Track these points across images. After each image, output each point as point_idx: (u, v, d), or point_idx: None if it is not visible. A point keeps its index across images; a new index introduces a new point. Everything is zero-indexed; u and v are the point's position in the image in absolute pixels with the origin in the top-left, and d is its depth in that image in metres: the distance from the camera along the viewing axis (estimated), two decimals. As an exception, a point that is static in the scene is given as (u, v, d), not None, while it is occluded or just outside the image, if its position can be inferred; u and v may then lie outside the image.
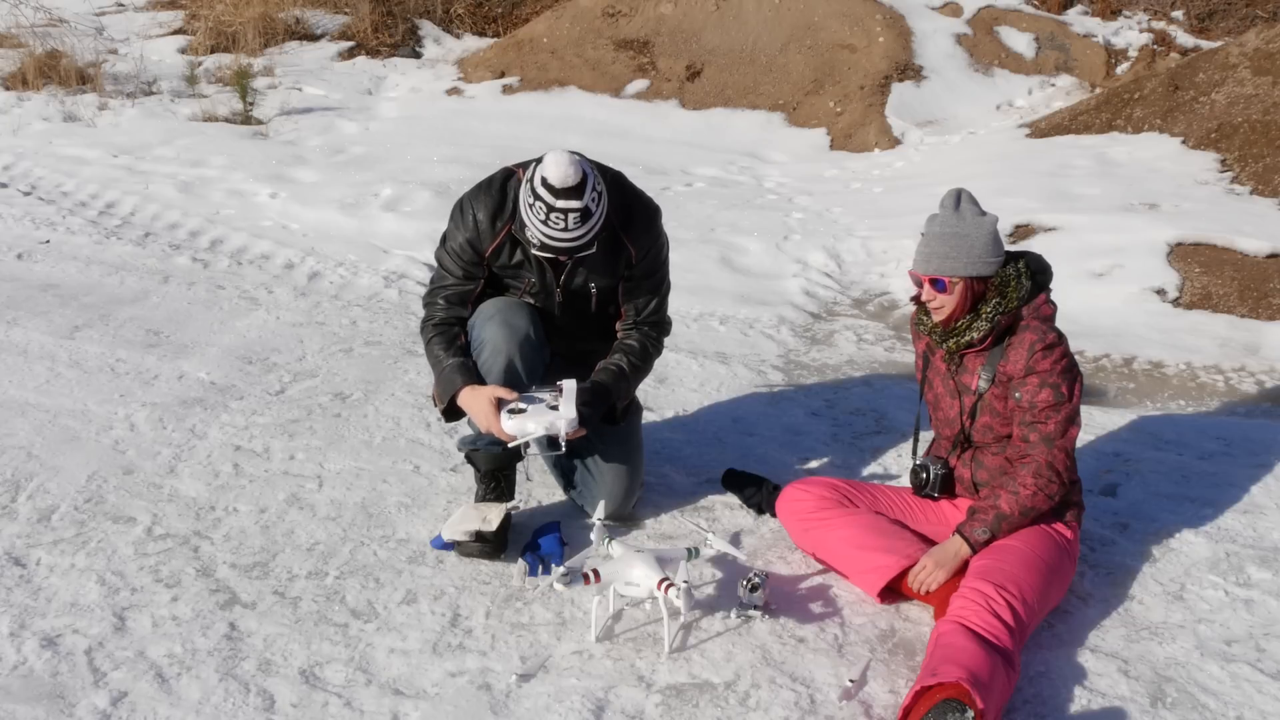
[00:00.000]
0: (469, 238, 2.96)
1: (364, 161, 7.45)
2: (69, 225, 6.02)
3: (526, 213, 2.80)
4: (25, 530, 3.07)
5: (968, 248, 2.72)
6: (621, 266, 3.01)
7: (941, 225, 2.75)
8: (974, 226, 2.73)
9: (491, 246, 2.96)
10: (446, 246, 3.03)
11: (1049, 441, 2.73)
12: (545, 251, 2.83)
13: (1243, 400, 4.25)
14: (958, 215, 2.75)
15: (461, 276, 3.01)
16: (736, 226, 6.29)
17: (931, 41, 9.05)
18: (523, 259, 2.98)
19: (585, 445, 3.14)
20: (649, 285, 3.09)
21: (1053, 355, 2.73)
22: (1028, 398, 2.74)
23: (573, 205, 2.73)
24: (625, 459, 3.14)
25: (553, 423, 2.81)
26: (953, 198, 2.78)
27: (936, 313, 2.80)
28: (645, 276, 3.07)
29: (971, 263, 2.72)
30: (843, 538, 2.89)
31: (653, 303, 3.12)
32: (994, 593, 2.55)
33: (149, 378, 4.12)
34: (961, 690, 2.27)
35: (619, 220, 2.95)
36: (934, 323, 2.84)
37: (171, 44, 10.42)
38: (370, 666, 2.55)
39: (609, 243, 2.94)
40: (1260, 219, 5.78)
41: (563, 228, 2.75)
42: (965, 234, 2.72)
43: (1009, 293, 2.75)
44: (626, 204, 2.99)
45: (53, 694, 2.43)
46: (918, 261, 2.78)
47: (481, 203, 2.95)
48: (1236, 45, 7.58)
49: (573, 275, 2.99)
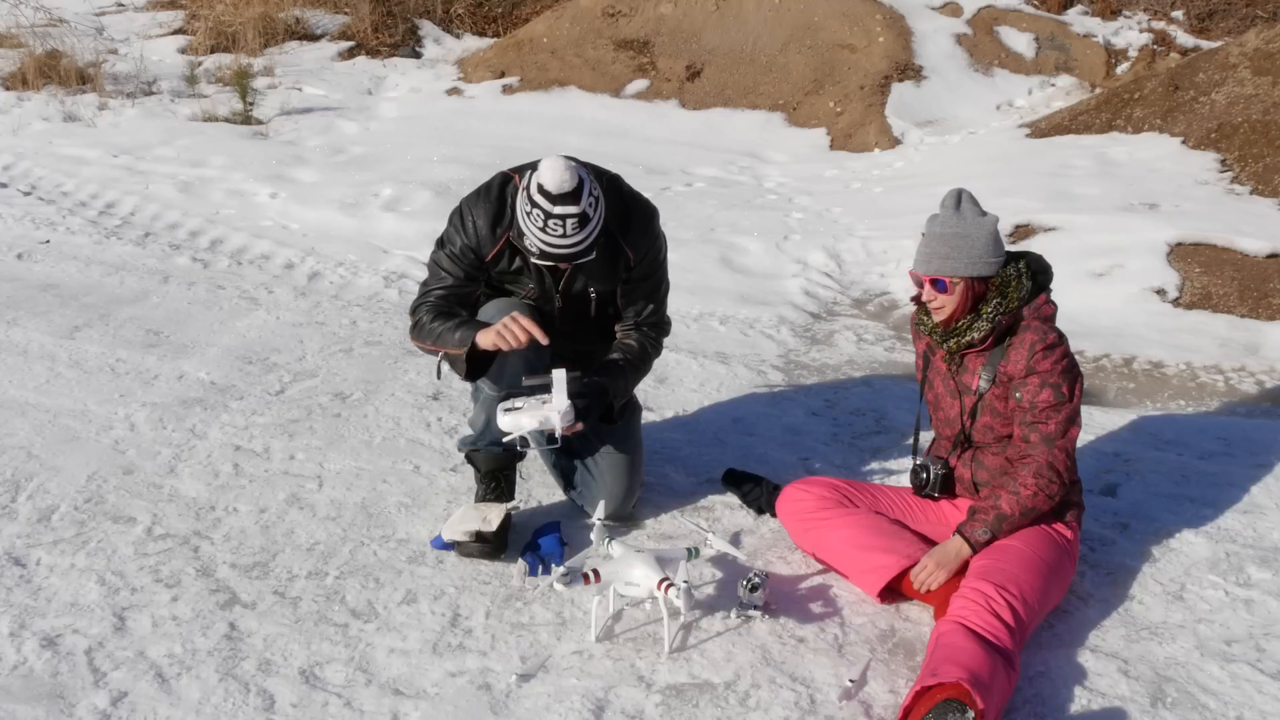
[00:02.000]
0: (469, 244, 2.95)
1: (364, 161, 7.45)
2: (69, 225, 6.03)
3: (524, 220, 2.78)
4: (25, 530, 3.07)
5: (968, 248, 2.72)
6: (620, 270, 3.02)
7: (942, 225, 2.75)
8: (975, 227, 2.73)
9: (491, 253, 2.95)
10: (445, 250, 3.00)
11: (1049, 441, 2.73)
12: (544, 259, 2.82)
13: (1243, 400, 4.25)
14: (958, 215, 2.75)
15: (463, 278, 2.99)
16: (736, 226, 6.29)
17: (931, 41, 9.05)
18: (521, 265, 2.97)
19: (584, 445, 3.14)
20: (647, 288, 3.10)
21: (1053, 355, 2.73)
22: (1028, 398, 2.74)
23: (570, 211, 2.71)
24: (625, 459, 3.14)
25: (547, 416, 2.79)
26: (953, 198, 2.78)
27: (937, 313, 2.80)
28: (644, 279, 3.07)
29: (972, 263, 2.72)
30: (843, 537, 2.89)
31: (651, 305, 3.12)
32: (994, 593, 2.55)
33: (149, 378, 4.12)
34: (962, 690, 2.27)
35: (617, 225, 2.94)
36: (934, 323, 2.84)
37: (171, 44, 10.43)
38: (370, 666, 2.55)
39: (607, 247, 2.93)
40: (1260, 219, 5.78)
41: (561, 234, 2.74)
42: (966, 234, 2.72)
43: (1010, 293, 2.75)
44: (624, 208, 2.99)
45: (53, 694, 2.43)
46: (918, 262, 2.78)
47: (481, 209, 2.94)
48: (1236, 45, 7.58)
49: (572, 281, 2.99)
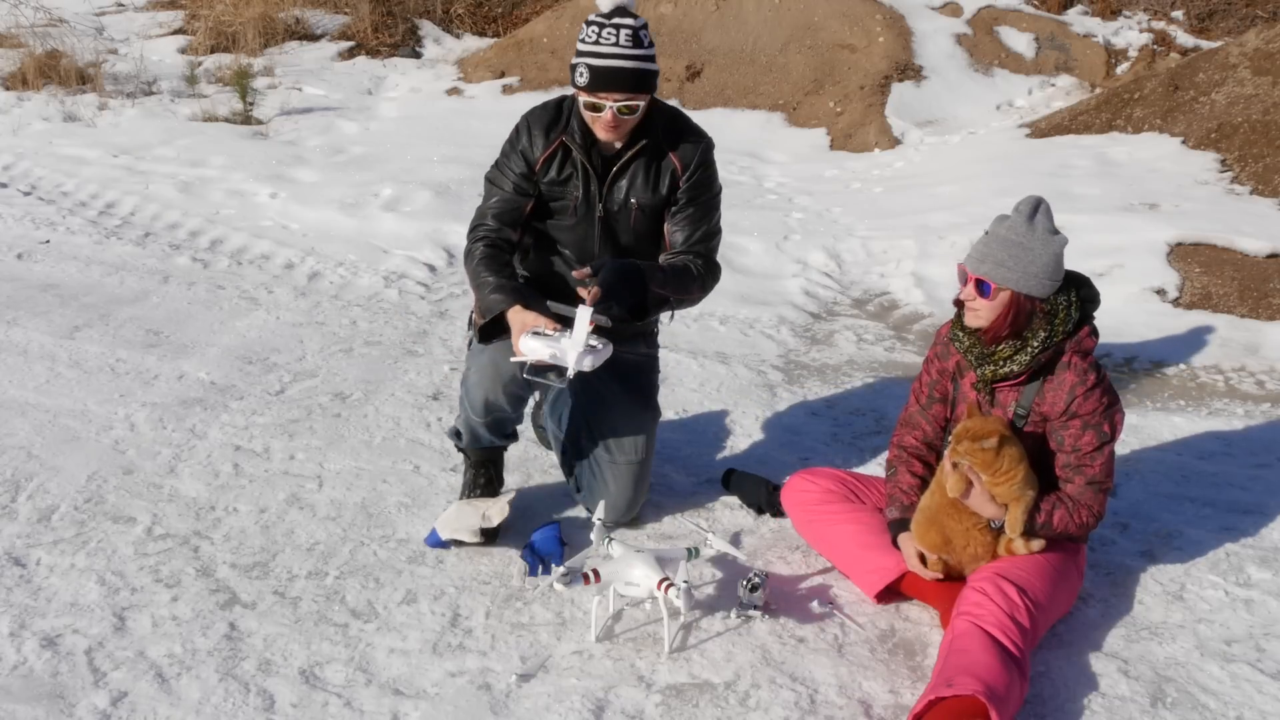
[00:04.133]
0: (523, 147, 2.95)
1: (364, 161, 7.45)
2: (69, 225, 6.02)
3: (581, 46, 2.78)
4: (25, 530, 3.07)
5: (1027, 262, 2.55)
6: (666, 184, 2.94)
7: (1009, 230, 2.58)
8: (1041, 242, 2.56)
9: (543, 156, 2.93)
10: (497, 163, 3.01)
11: (1095, 486, 2.66)
12: (598, 85, 2.75)
13: (1243, 400, 4.25)
14: (1029, 226, 2.57)
15: (512, 190, 2.97)
16: (736, 226, 6.28)
17: (931, 41, 9.04)
18: (571, 172, 2.94)
19: (599, 412, 3.08)
20: (696, 213, 2.96)
21: (1094, 396, 2.60)
22: (1070, 442, 2.64)
23: (625, 22, 2.75)
24: (633, 468, 3.10)
25: (563, 349, 2.63)
26: (1030, 205, 2.59)
27: (971, 317, 2.64)
28: (692, 202, 2.95)
29: (1025, 279, 2.55)
30: (846, 534, 2.89)
31: (701, 230, 2.97)
32: (1016, 595, 2.52)
33: (149, 378, 4.12)
34: (979, 706, 2.24)
35: (666, 133, 2.93)
36: (970, 343, 2.69)
37: (171, 44, 10.42)
38: (370, 666, 2.56)
39: (652, 153, 2.92)
40: (1260, 219, 5.78)
41: (614, 42, 2.74)
42: (1030, 247, 2.55)
43: (1056, 325, 2.59)
44: (679, 120, 2.98)
45: (53, 694, 2.43)
46: (970, 257, 2.61)
47: (537, 116, 2.97)
48: (1236, 45, 7.58)
49: (614, 190, 2.94)
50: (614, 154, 2.91)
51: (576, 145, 2.90)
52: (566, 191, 2.96)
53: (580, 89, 2.79)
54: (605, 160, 2.92)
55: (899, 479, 2.87)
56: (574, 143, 2.90)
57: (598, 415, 3.13)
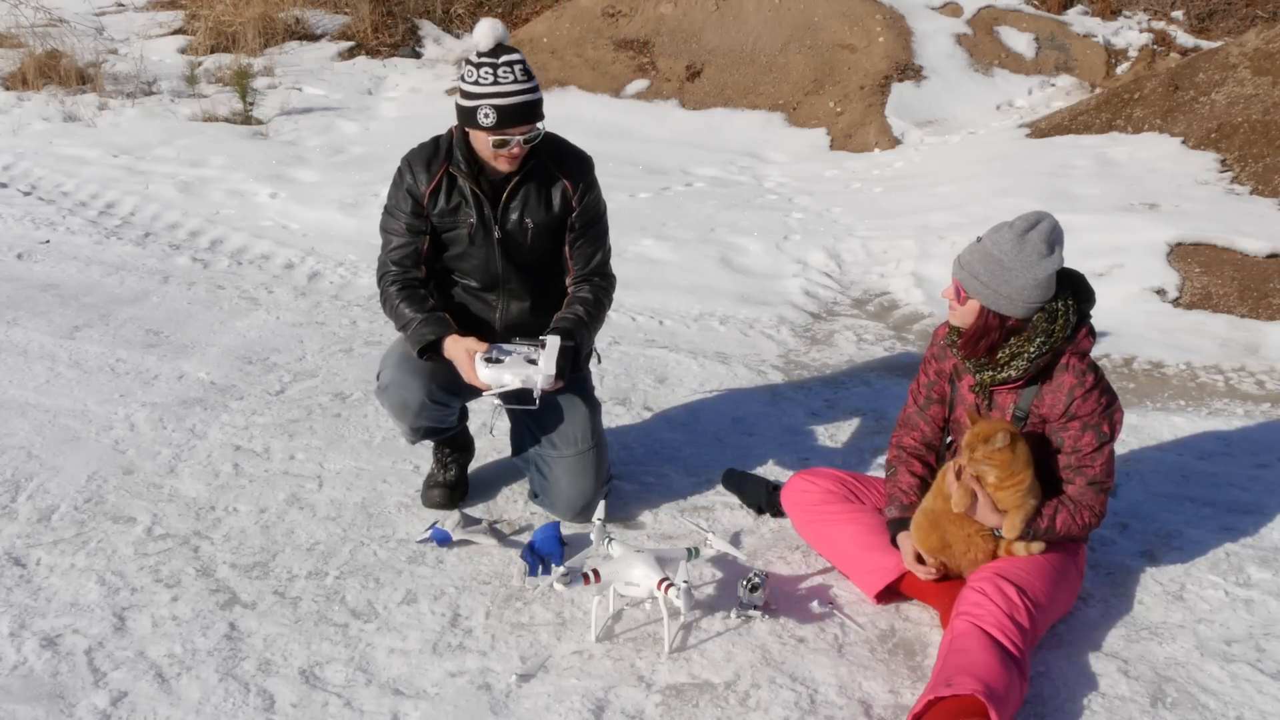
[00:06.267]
0: (408, 186, 3.05)
1: (364, 161, 7.45)
2: (69, 225, 6.02)
3: (475, 90, 2.86)
4: (25, 530, 3.07)
5: (1000, 281, 2.52)
6: (559, 203, 3.06)
7: (995, 244, 2.54)
8: (1023, 264, 2.50)
9: (429, 189, 3.02)
10: (387, 208, 3.12)
11: (1096, 486, 2.66)
12: (502, 124, 2.86)
13: (1243, 400, 4.25)
14: (1019, 243, 2.51)
15: (405, 231, 3.07)
16: (736, 226, 6.29)
17: (931, 41, 9.04)
18: (460, 201, 3.03)
19: (543, 418, 3.15)
20: (594, 234, 3.15)
21: (1093, 397, 2.60)
22: (1070, 443, 2.64)
23: (515, 58, 2.87)
24: (581, 457, 3.12)
25: (530, 376, 2.86)
26: (1027, 223, 2.54)
27: (952, 315, 2.68)
28: (589, 225, 3.12)
29: (995, 297, 2.54)
30: (846, 534, 2.89)
31: (599, 254, 3.17)
32: (1016, 595, 2.52)
33: (149, 378, 4.12)
34: (978, 705, 2.24)
35: (549, 154, 3.05)
36: (961, 342, 2.68)
37: (171, 44, 10.41)
38: (370, 666, 2.56)
39: (539, 174, 3.03)
40: (1260, 219, 5.78)
41: (512, 79, 2.85)
42: (1009, 267, 2.51)
43: (1055, 331, 2.58)
44: (558, 145, 3.11)
45: (53, 694, 2.43)
46: (957, 258, 2.62)
47: (415, 154, 3.09)
48: (1236, 45, 7.58)
49: (508, 211, 3.03)
50: (501, 178, 3.02)
51: (462, 174, 3.00)
52: (459, 220, 3.05)
53: (486, 129, 2.88)
54: (494, 185, 3.02)
55: (898, 479, 2.87)
56: (460, 171, 3.01)
57: (538, 416, 3.16)
